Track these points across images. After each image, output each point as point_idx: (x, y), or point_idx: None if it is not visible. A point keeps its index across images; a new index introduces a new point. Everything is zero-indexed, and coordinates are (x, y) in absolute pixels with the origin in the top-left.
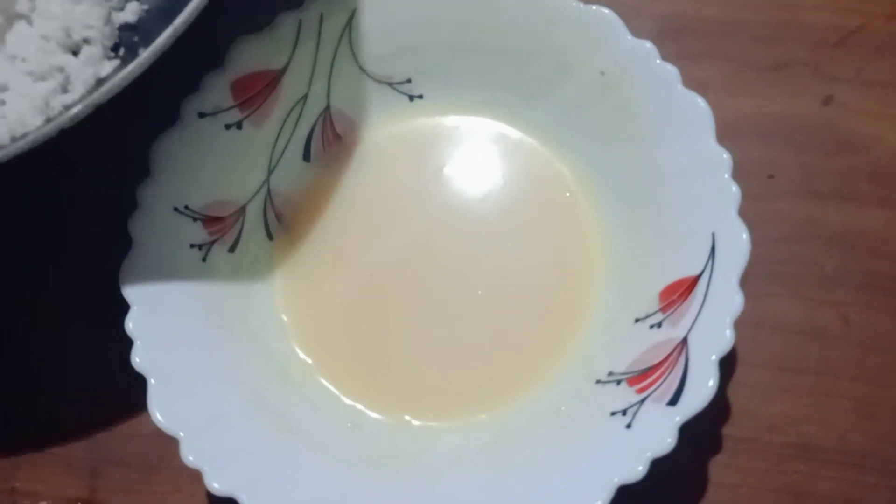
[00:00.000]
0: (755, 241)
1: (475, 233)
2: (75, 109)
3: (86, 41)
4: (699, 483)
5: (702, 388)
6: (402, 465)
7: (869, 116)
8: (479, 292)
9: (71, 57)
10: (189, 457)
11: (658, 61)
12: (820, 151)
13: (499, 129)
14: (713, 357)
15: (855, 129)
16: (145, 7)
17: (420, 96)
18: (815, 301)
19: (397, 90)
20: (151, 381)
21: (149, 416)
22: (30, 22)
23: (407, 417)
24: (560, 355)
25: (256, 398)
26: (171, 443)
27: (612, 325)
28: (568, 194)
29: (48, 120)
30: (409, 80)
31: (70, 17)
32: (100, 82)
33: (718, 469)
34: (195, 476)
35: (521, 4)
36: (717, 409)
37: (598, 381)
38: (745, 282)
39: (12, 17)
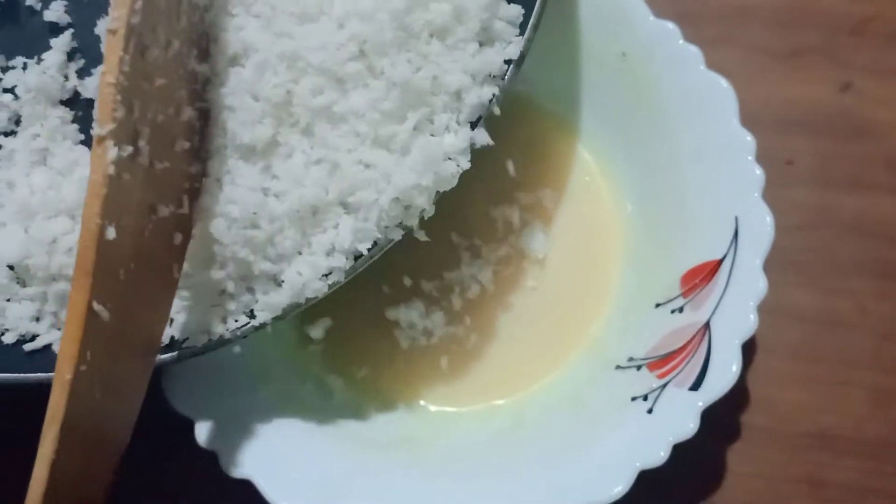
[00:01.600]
0: None
1: (492, 218)
2: None
3: None
4: (716, 472)
5: (725, 373)
6: (417, 450)
7: (886, 104)
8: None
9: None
10: (204, 440)
11: (680, 42)
12: (837, 138)
13: (517, 111)
14: (736, 341)
15: (871, 117)
16: None
17: None
18: (832, 290)
19: None
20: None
21: (163, 401)
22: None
23: (423, 403)
24: (578, 340)
25: (269, 383)
26: (185, 426)
27: (632, 310)
28: (587, 178)
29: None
30: None
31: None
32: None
33: (735, 458)
34: (210, 460)
35: None
36: (736, 397)
37: (618, 367)
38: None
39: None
